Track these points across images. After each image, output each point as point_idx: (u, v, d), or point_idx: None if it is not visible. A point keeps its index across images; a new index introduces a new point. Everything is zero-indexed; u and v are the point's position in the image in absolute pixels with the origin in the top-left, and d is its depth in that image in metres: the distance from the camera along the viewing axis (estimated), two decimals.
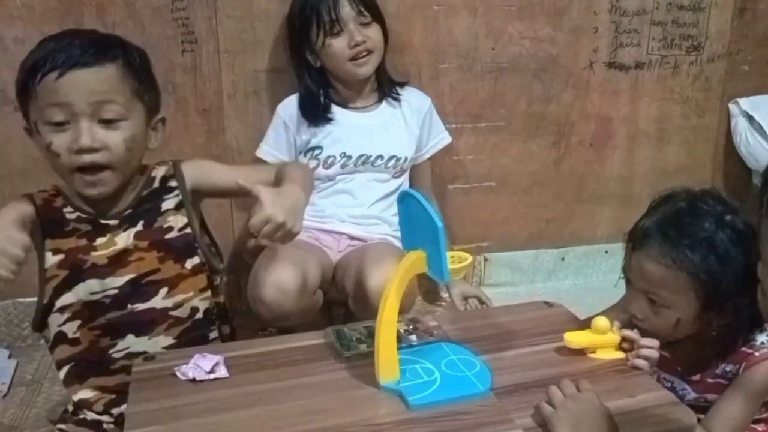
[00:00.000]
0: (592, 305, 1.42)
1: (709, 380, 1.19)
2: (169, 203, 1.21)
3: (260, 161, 1.76)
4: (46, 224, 1.15)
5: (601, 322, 1.11)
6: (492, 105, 2.08)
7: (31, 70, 1.09)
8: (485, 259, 2.20)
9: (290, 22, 1.73)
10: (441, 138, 1.88)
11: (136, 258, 1.16)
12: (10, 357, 1.79)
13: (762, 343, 1.14)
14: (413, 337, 1.14)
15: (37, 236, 1.14)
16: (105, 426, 1.17)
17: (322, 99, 1.72)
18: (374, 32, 1.69)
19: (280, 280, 1.40)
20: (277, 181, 1.24)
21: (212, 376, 1.03)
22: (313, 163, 1.71)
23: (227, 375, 1.04)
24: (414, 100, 1.82)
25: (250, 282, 1.46)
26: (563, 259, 2.26)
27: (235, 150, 1.91)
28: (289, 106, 1.75)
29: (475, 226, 2.17)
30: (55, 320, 1.15)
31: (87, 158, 1.09)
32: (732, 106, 2.24)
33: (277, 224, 1.09)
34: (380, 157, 1.73)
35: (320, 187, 1.72)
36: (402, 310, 1.27)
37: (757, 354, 1.13)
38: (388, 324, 1.00)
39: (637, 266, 1.14)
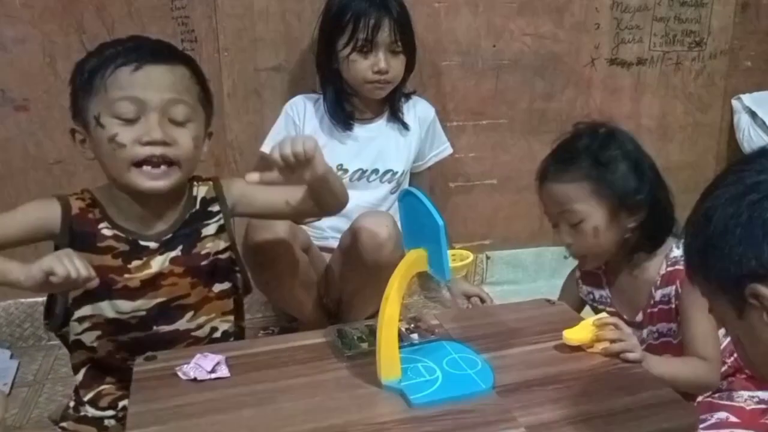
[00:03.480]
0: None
1: (651, 311, 1.26)
2: (209, 229, 1.20)
3: (264, 156, 1.74)
4: (76, 235, 1.12)
5: (598, 318, 1.13)
6: (493, 102, 2.07)
7: (101, 64, 1.09)
8: (487, 257, 2.20)
9: (324, 22, 1.70)
10: (442, 149, 1.88)
11: (169, 283, 1.15)
12: (11, 357, 1.79)
13: (681, 255, 1.18)
14: (415, 336, 1.14)
15: (63, 244, 1.10)
16: (106, 423, 1.17)
17: (345, 104, 1.72)
18: (398, 64, 1.68)
19: (271, 223, 1.46)
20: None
21: (213, 375, 1.03)
22: None
23: (228, 374, 1.04)
24: (419, 111, 1.81)
25: (245, 235, 1.49)
26: (565, 257, 2.23)
27: (236, 149, 1.90)
28: (298, 104, 1.74)
29: (476, 224, 2.17)
30: (73, 329, 1.15)
31: (157, 150, 1.08)
32: (735, 102, 2.24)
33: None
34: (375, 171, 1.73)
35: None
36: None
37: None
38: (389, 323, 0.99)
39: (546, 196, 1.29)
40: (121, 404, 1.17)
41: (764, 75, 2.26)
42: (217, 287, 1.21)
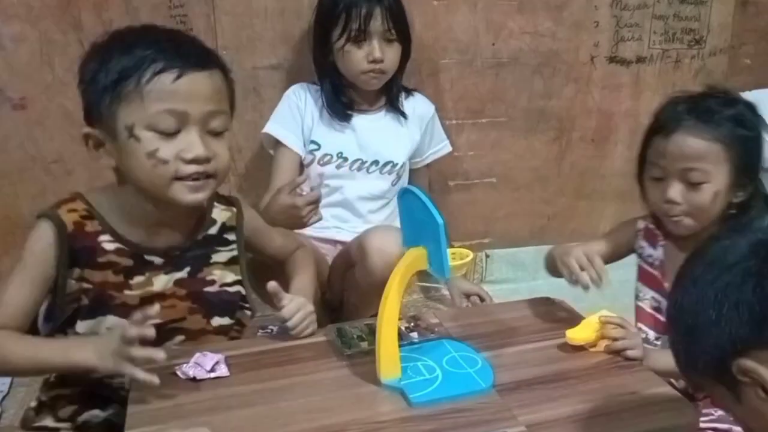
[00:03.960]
0: (594, 302, 1.41)
1: None
2: (220, 256, 1.16)
3: (269, 140, 1.73)
4: (76, 252, 1.05)
5: (600, 314, 1.12)
6: (493, 100, 2.07)
7: (134, 67, 0.98)
8: (487, 256, 2.20)
9: (318, 16, 1.71)
10: (441, 147, 1.88)
11: (168, 304, 1.10)
12: None
13: None
14: (414, 335, 1.14)
15: (62, 264, 1.04)
16: None
17: (342, 96, 1.72)
18: (393, 53, 1.68)
19: None
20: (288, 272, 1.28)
21: (213, 374, 1.03)
22: (308, 158, 1.71)
23: (228, 374, 1.04)
24: (418, 107, 1.81)
25: None
26: None
27: (235, 147, 1.90)
28: (299, 91, 1.74)
29: (476, 223, 2.17)
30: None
31: (201, 168, 1.02)
32: None
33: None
34: (375, 162, 1.73)
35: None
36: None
37: None
38: (389, 321, 0.99)
39: (676, 147, 1.20)
40: (80, 419, 1.11)
41: (763, 73, 2.26)
42: (216, 321, 1.15)
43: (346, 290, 1.65)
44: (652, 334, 1.29)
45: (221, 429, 0.92)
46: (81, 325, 1.07)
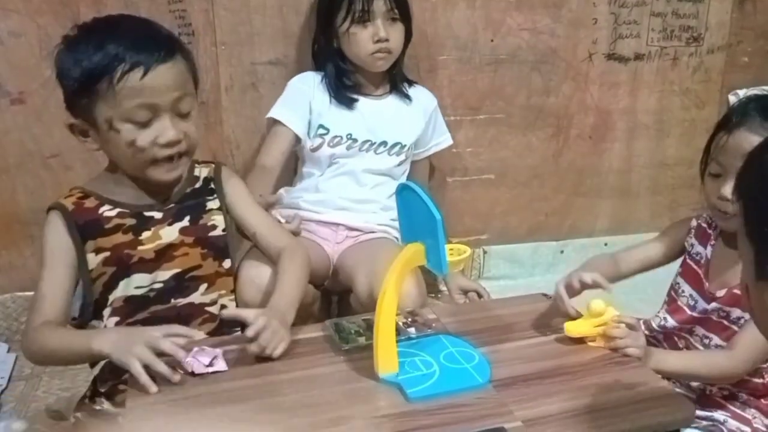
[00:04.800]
0: (591, 298, 1.41)
1: (736, 292, 1.17)
2: (212, 203, 1.25)
3: (274, 124, 1.72)
4: (83, 227, 1.15)
5: (596, 304, 1.11)
6: (491, 97, 2.07)
7: (105, 67, 1.08)
8: (484, 252, 2.20)
9: (320, 4, 1.73)
10: (443, 139, 1.89)
11: (181, 253, 1.20)
12: (9, 351, 1.79)
13: None
14: (412, 330, 1.14)
15: (77, 242, 1.15)
16: (120, 420, 1.14)
17: (347, 80, 1.73)
18: (397, 32, 1.70)
19: (260, 279, 1.31)
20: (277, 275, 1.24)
21: (211, 369, 1.03)
22: (317, 141, 1.71)
23: (226, 368, 1.04)
24: (422, 97, 1.83)
25: (238, 268, 1.36)
26: (562, 251, 2.26)
27: (233, 143, 1.90)
28: (307, 77, 1.75)
29: (474, 219, 2.17)
30: (105, 315, 1.18)
31: (174, 150, 1.14)
32: (731, 98, 2.24)
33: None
34: (384, 143, 1.74)
35: (324, 172, 1.73)
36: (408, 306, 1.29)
37: None
38: (387, 317, 1.00)
39: (737, 143, 1.15)
40: None
41: (761, 71, 2.26)
42: (227, 263, 1.25)
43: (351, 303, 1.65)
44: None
45: (220, 423, 0.92)
46: (115, 293, 1.17)
